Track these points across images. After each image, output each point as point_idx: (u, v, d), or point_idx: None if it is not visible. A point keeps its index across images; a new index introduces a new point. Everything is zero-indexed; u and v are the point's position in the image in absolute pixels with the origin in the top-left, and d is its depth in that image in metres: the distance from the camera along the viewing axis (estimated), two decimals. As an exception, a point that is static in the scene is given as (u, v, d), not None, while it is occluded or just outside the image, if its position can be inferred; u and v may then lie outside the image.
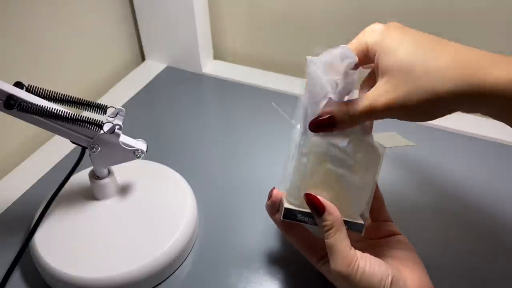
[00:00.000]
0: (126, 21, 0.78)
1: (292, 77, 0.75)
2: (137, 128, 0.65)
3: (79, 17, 0.69)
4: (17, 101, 0.40)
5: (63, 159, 0.61)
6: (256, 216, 0.52)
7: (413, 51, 0.34)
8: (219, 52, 0.82)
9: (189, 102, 0.71)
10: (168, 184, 0.53)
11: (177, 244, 0.46)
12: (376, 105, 0.35)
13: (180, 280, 0.47)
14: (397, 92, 0.34)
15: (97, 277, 0.43)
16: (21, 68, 0.62)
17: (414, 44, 0.35)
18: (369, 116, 0.36)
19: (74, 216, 0.48)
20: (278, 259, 0.48)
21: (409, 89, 0.34)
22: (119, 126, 0.43)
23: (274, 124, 0.65)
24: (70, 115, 0.42)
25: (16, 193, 0.56)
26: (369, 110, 0.36)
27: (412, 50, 0.34)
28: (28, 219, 0.49)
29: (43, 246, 0.46)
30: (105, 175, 0.48)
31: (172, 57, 0.79)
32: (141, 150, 0.46)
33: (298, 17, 0.73)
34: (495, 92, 0.31)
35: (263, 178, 0.57)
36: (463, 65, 0.32)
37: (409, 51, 0.34)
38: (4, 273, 0.46)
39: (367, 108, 0.36)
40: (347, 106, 0.37)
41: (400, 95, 0.34)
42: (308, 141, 0.39)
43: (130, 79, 0.77)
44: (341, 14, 0.69)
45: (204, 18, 0.74)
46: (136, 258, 0.45)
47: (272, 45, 0.78)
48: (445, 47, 0.34)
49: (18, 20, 0.59)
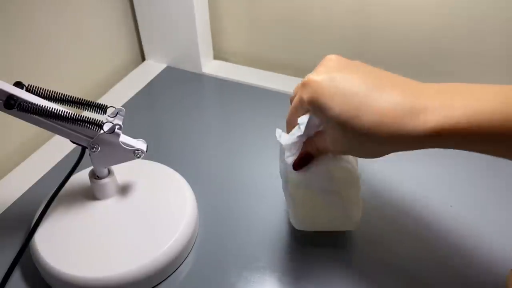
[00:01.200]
0: (126, 21, 0.78)
1: (292, 77, 0.75)
2: (137, 128, 0.65)
3: (79, 17, 0.69)
4: (17, 101, 0.40)
5: (63, 159, 0.61)
6: (256, 216, 0.52)
7: (345, 107, 0.36)
8: (219, 52, 0.82)
9: (189, 102, 0.71)
10: (168, 184, 0.53)
11: (177, 244, 0.46)
12: (328, 150, 0.41)
13: (180, 280, 0.47)
14: (340, 147, 0.39)
15: (97, 277, 0.43)
16: (21, 68, 0.62)
17: (346, 97, 0.36)
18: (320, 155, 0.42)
19: (74, 216, 0.48)
20: (278, 259, 0.48)
21: (349, 145, 0.38)
22: (119, 126, 0.43)
23: (274, 124, 0.65)
24: (70, 115, 0.42)
25: (16, 193, 0.56)
26: (326, 151, 0.42)
27: (344, 106, 0.36)
28: (28, 219, 0.49)
29: (43, 246, 0.46)
30: (105, 175, 0.48)
31: (172, 57, 0.79)
32: (141, 150, 0.46)
33: (298, 17, 0.73)
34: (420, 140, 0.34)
35: (263, 178, 0.57)
36: (391, 119, 0.34)
37: (342, 107, 0.36)
38: (4, 273, 0.46)
39: (325, 150, 0.41)
40: (315, 144, 0.42)
41: (343, 149, 0.39)
42: (292, 182, 0.44)
43: (130, 79, 0.77)
44: (341, 14, 0.69)
45: (204, 18, 0.74)
46: (136, 258, 0.44)
47: (272, 45, 0.78)
48: (379, 94, 0.35)
49: (18, 20, 0.59)
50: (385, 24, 0.67)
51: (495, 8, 0.60)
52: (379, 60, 0.70)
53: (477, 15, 0.61)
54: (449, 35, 0.64)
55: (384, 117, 0.34)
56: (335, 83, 0.37)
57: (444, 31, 0.64)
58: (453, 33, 0.64)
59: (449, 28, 0.64)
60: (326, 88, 0.37)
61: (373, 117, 0.35)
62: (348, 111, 0.35)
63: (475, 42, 0.63)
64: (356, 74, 0.37)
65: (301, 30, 0.74)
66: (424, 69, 0.68)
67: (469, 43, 0.64)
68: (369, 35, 0.69)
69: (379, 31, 0.68)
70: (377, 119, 0.34)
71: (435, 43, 0.66)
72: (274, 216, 0.52)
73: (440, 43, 0.66)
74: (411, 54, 0.68)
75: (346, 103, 0.36)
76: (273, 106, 0.69)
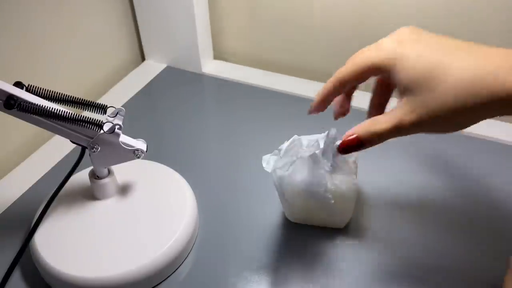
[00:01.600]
0: (126, 21, 0.78)
1: (292, 77, 0.75)
2: (137, 128, 0.65)
3: (79, 17, 0.69)
4: (17, 101, 0.40)
5: (63, 159, 0.61)
6: (256, 216, 0.52)
7: (434, 64, 0.34)
8: (219, 52, 0.82)
9: (189, 102, 0.71)
10: (168, 184, 0.53)
11: (177, 244, 0.46)
12: (403, 124, 0.35)
13: (180, 280, 0.47)
14: (423, 110, 0.34)
15: (97, 277, 0.43)
16: (21, 68, 0.62)
17: (434, 56, 0.34)
18: (396, 134, 0.36)
19: (74, 216, 0.48)
20: (278, 259, 0.48)
21: (435, 106, 0.33)
22: (119, 126, 0.43)
23: (274, 124, 0.65)
24: (70, 115, 0.42)
25: (16, 193, 0.56)
26: (396, 129, 0.36)
27: (432, 64, 0.34)
28: (28, 219, 0.49)
29: (43, 246, 0.46)
30: (105, 175, 0.48)
31: (172, 57, 0.79)
32: (141, 150, 0.46)
33: (298, 18, 0.73)
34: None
35: (263, 178, 0.57)
36: (485, 75, 0.32)
37: (429, 65, 0.34)
38: (4, 273, 0.46)
39: (393, 128, 0.36)
40: (372, 126, 0.37)
41: (426, 113, 0.34)
42: (289, 189, 0.46)
43: (130, 79, 0.77)
44: (341, 14, 0.69)
45: (204, 18, 0.74)
46: (136, 258, 0.44)
47: (272, 45, 0.78)
48: (467, 53, 0.34)
49: (18, 20, 0.59)
50: (385, 24, 0.67)
51: (495, 10, 0.60)
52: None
53: (477, 17, 0.62)
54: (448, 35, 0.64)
55: (482, 70, 0.32)
56: (418, 37, 0.36)
57: (445, 31, 0.64)
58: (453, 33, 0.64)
59: (449, 28, 0.64)
60: (408, 44, 0.36)
61: (471, 69, 0.32)
62: (440, 66, 0.33)
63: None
64: (434, 38, 0.36)
65: (301, 30, 0.74)
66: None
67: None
68: (369, 35, 0.69)
69: (379, 31, 0.68)
70: (473, 74, 0.32)
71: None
72: (274, 216, 0.52)
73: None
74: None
75: (437, 58, 0.34)
76: (273, 106, 0.69)
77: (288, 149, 0.47)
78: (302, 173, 0.46)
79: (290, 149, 0.47)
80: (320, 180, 0.45)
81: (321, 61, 0.74)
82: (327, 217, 0.49)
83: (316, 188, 0.45)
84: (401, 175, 0.57)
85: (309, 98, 0.69)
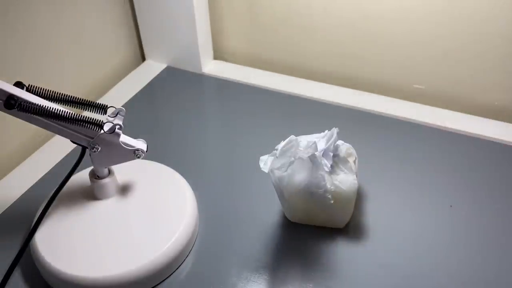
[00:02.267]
0: (126, 21, 0.78)
1: (292, 77, 0.75)
2: (137, 128, 0.65)
3: (80, 17, 0.69)
4: (17, 101, 0.40)
5: (63, 159, 0.61)
6: (256, 216, 0.52)
7: None
8: (219, 52, 0.82)
9: (189, 102, 0.71)
10: (168, 184, 0.53)
11: (177, 244, 0.46)
12: None
13: (180, 280, 0.47)
14: None
15: (97, 277, 0.43)
16: (21, 68, 0.62)
17: None
18: None
19: (74, 216, 0.48)
20: (278, 259, 0.48)
21: None
22: (119, 126, 0.43)
23: (274, 124, 0.65)
24: (70, 115, 0.42)
25: (16, 193, 0.56)
26: None
27: None
28: (28, 219, 0.49)
29: (43, 246, 0.46)
30: (106, 175, 0.48)
31: (172, 57, 0.79)
32: (141, 150, 0.46)
33: (298, 17, 0.73)
34: None
35: (263, 178, 0.57)
36: None
37: None
38: (4, 273, 0.46)
39: None
40: None
41: None
42: (288, 190, 0.47)
43: (130, 79, 0.77)
44: (341, 14, 0.69)
45: (204, 18, 0.74)
46: (136, 258, 0.45)
47: (272, 45, 0.78)
48: None
49: (18, 20, 0.59)
50: (385, 25, 0.67)
51: (495, 12, 0.60)
52: (379, 60, 0.70)
53: (477, 19, 0.62)
54: (448, 36, 0.64)
55: None
56: None
57: (443, 31, 0.64)
58: (452, 33, 0.64)
59: (449, 28, 0.64)
60: None
61: None
62: None
63: (474, 43, 0.63)
64: None
65: (301, 30, 0.74)
66: (424, 69, 0.68)
67: (468, 45, 0.64)
68: (368, 35, 0.69)
69: (378, 31, 0.68)
70: None
71: (435, 43, 0.66)
72: (274, 216, 0.52)
73: (439, 43, 0.66)
74: (411, 54, 0.68)
75: None
76: (273, 106, 0.69)
77: (285, 150, 0.47)
78: (301, 174, 0.46)
79: (287, 150, 0.47)
80: (319, 181, 0.45)
81: (321, 61, 0.74)
82: (327, 217, 0.49)
83: (316, 189, 0.45)
84: (401, 175, 0.57)
85: (308, 98, 0.70)
